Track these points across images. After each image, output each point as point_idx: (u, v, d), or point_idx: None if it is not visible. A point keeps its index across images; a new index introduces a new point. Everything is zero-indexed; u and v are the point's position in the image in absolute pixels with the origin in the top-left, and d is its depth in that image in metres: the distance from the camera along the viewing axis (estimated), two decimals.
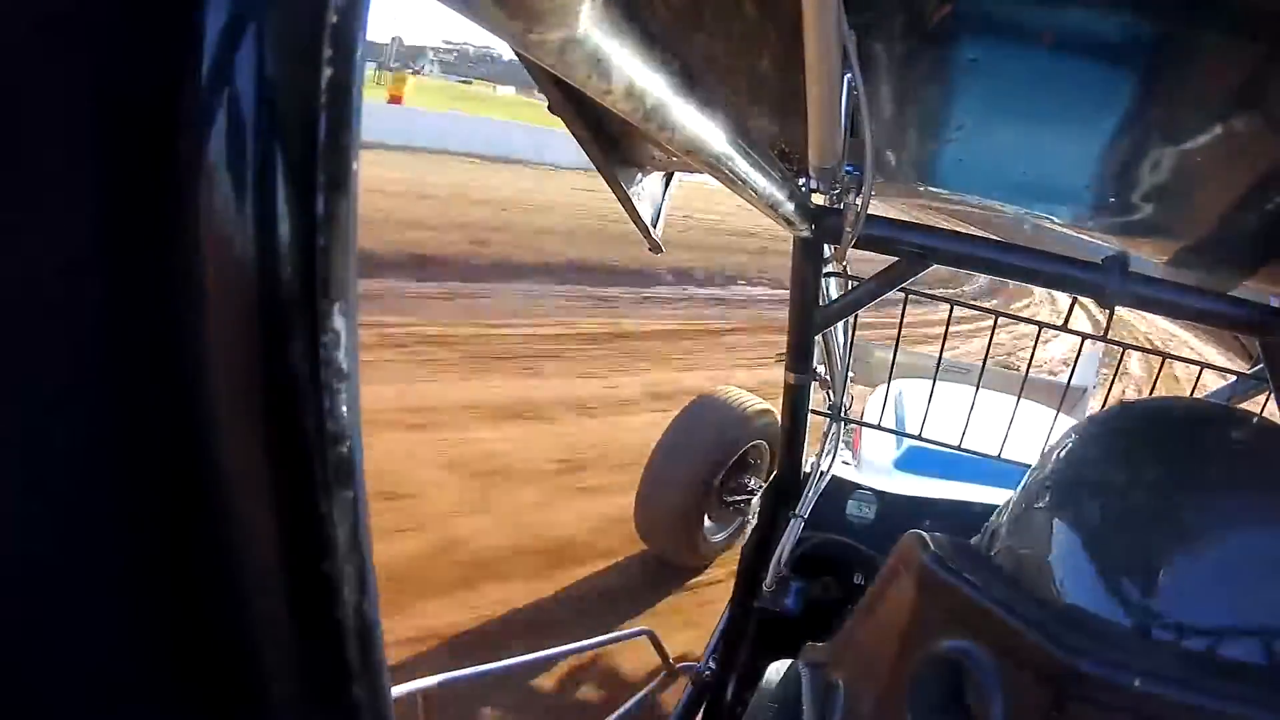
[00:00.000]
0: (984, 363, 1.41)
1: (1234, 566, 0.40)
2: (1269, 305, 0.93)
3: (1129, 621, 0.39)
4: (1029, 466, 1.27)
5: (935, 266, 1.03)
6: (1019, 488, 0.52)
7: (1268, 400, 1.21)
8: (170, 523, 0.16)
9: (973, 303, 1.28)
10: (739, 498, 2.44)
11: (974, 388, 1.34)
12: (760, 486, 2.11)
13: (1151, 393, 1.18)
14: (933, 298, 1.28)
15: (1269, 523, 0.41)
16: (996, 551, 0.49)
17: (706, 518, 2.47)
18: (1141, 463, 0.46)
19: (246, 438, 0.16)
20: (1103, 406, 1.08)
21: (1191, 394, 1.26)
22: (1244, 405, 1.32)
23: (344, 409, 0.16)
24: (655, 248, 1.14)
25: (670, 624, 2.22)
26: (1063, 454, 0.50)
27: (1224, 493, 0.43)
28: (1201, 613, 0.39)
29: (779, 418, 1.59)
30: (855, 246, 0.87)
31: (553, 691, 2.06)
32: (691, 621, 2.35)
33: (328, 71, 0.14)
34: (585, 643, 1.39)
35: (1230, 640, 0.38)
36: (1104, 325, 1.13)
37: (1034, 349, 1.35)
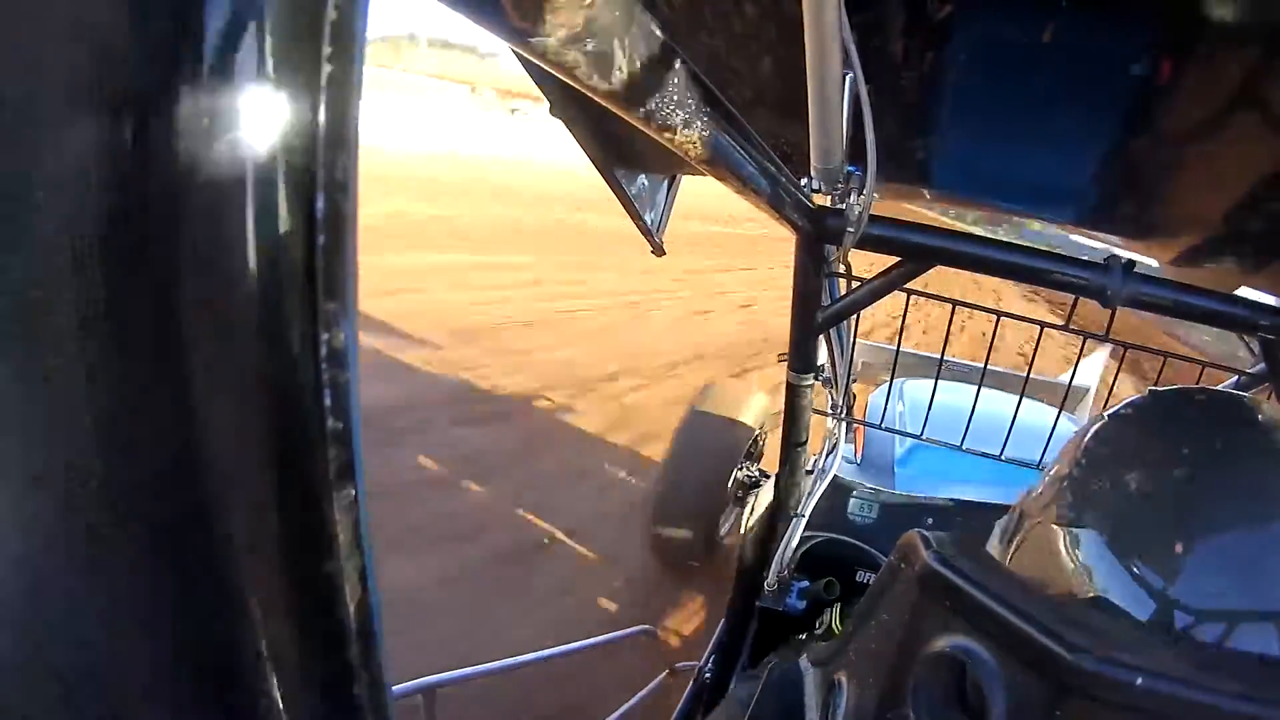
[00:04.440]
0: (985, 362, 1.41)
1: (1238, 561, 0.40)
2: (1270, 305, 0.93)
3: (1144, 616, 0.39)
4: (1031, 465, 1.27)
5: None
6: (1037, 482, 0.53)
7: (1268, 400, 1.21)
8: (170, 523, 0.16)
9: (974, 303, 1.27)
10: None
11: (975, 387, 1.34)
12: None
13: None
14: (934, 298, 1.27)
15: (1273, 516, 0.41)
16: (1015, 548, 0.50)
17: None
18: (1151, 456, 0.46)
19: (247, 438, 0.15)
20: (1104, 407, 1.08)
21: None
22: None
23: (344, 408, 0.16)
24: (658, 250, 1.13)
25: None
26: (1074, 451, 0.51)
27: (1232, 488, 0.43)
28: (1205, 609, 0.39)
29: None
30: (857, 247, 0.87)
31: None
32: None
33: (327, 68, 0.14)
34: (585, 642, 1.38)
35: (1234, 636, 0.38)
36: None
37: (1036, 348, 1.34)
